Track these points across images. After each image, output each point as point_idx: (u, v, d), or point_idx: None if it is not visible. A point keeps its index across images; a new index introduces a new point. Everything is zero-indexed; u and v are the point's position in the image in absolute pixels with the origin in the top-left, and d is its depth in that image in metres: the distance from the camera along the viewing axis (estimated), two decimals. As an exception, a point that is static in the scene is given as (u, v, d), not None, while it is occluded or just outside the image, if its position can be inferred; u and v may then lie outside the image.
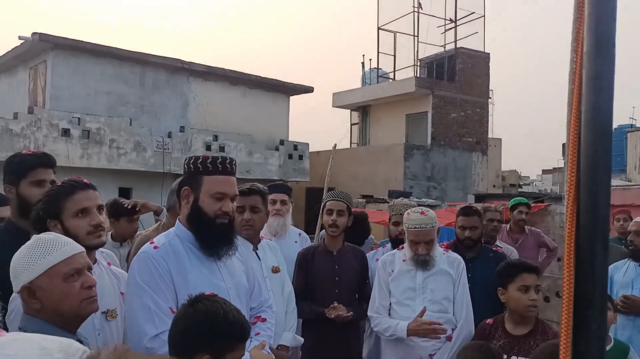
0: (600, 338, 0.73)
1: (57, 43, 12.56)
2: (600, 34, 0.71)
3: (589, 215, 0.72)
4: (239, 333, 1.46)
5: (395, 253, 3.30)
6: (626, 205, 8.91)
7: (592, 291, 0.72)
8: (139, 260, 2.08)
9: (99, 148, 12.29)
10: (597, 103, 0.73)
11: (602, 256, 0.73)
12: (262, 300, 2.43)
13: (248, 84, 15.72)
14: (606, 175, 0.73)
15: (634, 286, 4.00)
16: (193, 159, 2.18)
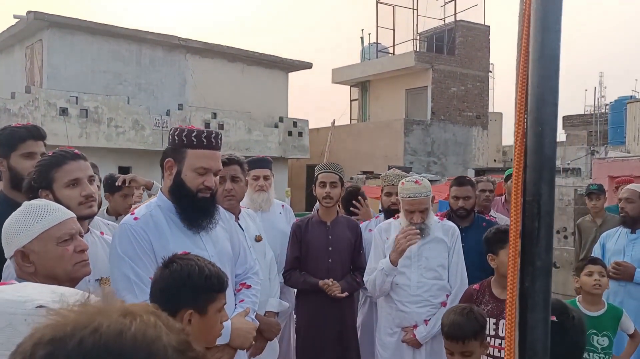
0: (545, 275, 0.74)
1: (53, 21, 12.45)
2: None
3: (534, 155, 0.73)
4: (217, 285, 1.51)
5: (391, 221, 3.32)
6: (625, 176, 8.91)
7: (538, 229, 0.73)
8: (120, 231, 2.10)
9: (97, 127, 12.28)
10: (544, 42, 0.73)
11: (547, 195, 0.73)
12: (247, 267, 2.43)
13: (246, 61, 15.59)
14: (552, 114, 0.73)
15: (626, 252, 4.02)
16: (178, 131, 2.15)
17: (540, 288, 0.73)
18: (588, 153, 13.99)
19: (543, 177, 0.73)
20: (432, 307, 3.09)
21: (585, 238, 5.56)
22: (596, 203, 5.52)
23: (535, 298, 0.72)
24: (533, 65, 0.73)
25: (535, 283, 0.73)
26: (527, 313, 0.73)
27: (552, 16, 0.72)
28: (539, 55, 0.72)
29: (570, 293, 6.78)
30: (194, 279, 1.48)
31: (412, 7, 16.93)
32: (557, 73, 0.72)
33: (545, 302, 0.73)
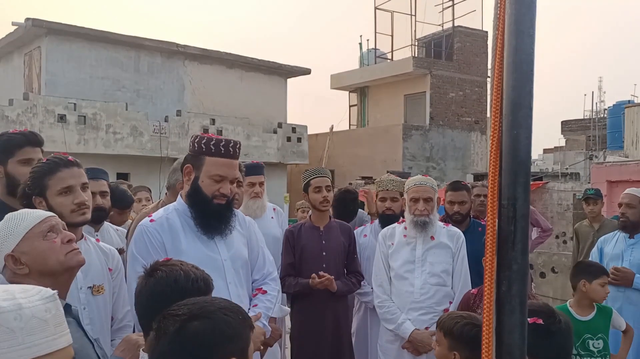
0: (522, 278, 0.74)
1: (51, 28, 12.49)
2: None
3: (510, 158, 0.73)
4: (203, 287, 1.49)
5: (395, 226, 3.31)
6: (623, 181, 8.90)
7: (514, 232, 0.72)
8: (136, 233, 2.20)
9: (95, 134, 12.29)
10: (518, 45, 0.73)
11: (523, 199, 0.73)
12: (265, 273, 2.46)
13: (245, 67, 15.62)
14: (527, 117, 0.73)
15: (624, 258, 4.01)
16: (198, 138, 2.22)
17: (517, 292, 0.73)
18: (586, 158, 13.99)
19: (518, 180, 0.73)
20: (435, 315, 3.06)
21: (583, 243, 5.55)
22: (593, 207, 5.51)
23: (512, 302, 0.72)
24: (508, 69, 0.73)
25: (512, 287, 0.72)
26: (504, 316, 0.72)
27: (526, 20, 0.72)
28: (513, 59, 0.72)
29: (569, 297, 6.75)
30: (181, 283, 1.46)
31: (410, 13, 16.99)
32: (531, 77, 0.72)
33: (522, 306, 0.72)
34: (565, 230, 11.04)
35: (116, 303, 2.21)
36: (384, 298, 3.16)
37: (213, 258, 2.20)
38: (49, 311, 0.92)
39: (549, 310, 1.63)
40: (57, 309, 0.94)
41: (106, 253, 2.23)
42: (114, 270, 2.22)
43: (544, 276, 7.67)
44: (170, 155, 12.76)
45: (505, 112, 0.73)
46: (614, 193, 8.65)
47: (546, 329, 1.54)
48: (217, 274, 2.23)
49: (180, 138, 13.46)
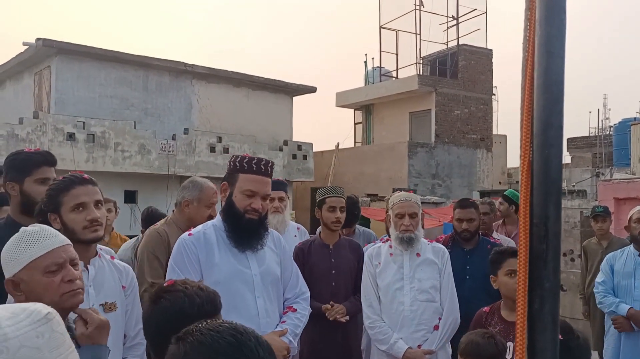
0: (553, 297, 0.74)
1: (61, 48, 12.67)
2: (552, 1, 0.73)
3: (541, 177, 0.74)
4: (210, 309, 1.45)
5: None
6: (631, 198, 8.86)
7: (546, 251, 0.73)
8: (175, 246, 2.38)
9: (104, 152, 12.38)
10: (549, 67, 0.74)
11: (554, 218, 0.74)
12: (297, 292, 2.55)
13: (251, 85, 15.77)
14: (558, 137, 0.74)
15: (636, 276, 3.98)
16: (234, 158, 2.41)
17: (549, 310, 0.73)
18: (593, 175, 13.95)
19: (550, 199, 0.74)
20: (426, 332, 3.06)
21: (592, 261, 5.52)
22: (602, 225, 5.49)
23: (544, 320, 0.72)
24: (538, 90, 0.74)
25: (545, 305, 0.73)
26: (537, 335, 0.73)
27: (557, 42, 0.73)
28: (544, 79, 0.74)
29: (578, 316, 6.70)
30: (186, 311, 1.42)
31: (415, 32, 17.16)
32: (561, 98, 0.74)
33: (554, 324, 0.73)
34: (573, 247, 10.95)
35: (129, 321, 2.21)
36: (374, 319, 3.15)
37: (243, 272, 2.33)
38: (41, 336, 0.82)
39: (568, 326, 1.66)
40: (52, 332, 0.84)
41: (120, 271, 2.24)
42: (128, 288, 2.23)
43: (554, 294, 7.60)
44: (177, 173, 12.83)
45: (536, 131, 0.74)
46: (621, 211, 8.60)
47: (565, 344, 1.56)
48: (246, 287, 2.33)
49: (187, 156, 13.54)
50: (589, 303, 5.42)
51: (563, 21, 0.74)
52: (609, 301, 3.91)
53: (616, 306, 3.83)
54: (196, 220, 2.90)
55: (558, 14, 0.73)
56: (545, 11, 0.72)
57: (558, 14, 0.73)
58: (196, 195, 2.93)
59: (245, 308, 2.31)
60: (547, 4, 0.73)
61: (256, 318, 2.32)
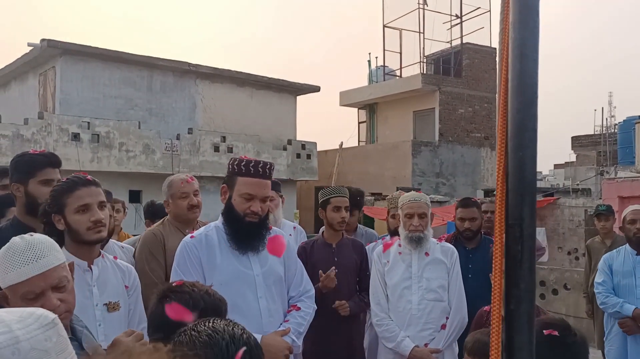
0: (529, 297, 0.75)
1: (66, 49, 12.75)
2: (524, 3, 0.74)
3: (516, 179, 0.75)
4: (213, 315, 1.41)
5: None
6: (635, 197, 8.82)
7: (521, 252, 0.74)
8: (178, 248, 2.40)
9: (108, 152, 12.45)
10: (522, 70, 0.75)
11: (529, 219, 0.75)
12: (302, 290, 2.56)
13: (255, 85, 15.81)
14: (532, 139, 0.75)
15: (636, 275, 3.96)
16: (232, 160, 2.42)
17: (525, 310, 0.74)
18: (597, 174, 13.89)
19: (525, 200, 0.75)
20: (433, 331, 3.07)
21: (595, 259, 5.50)
22: (605, 223, 5.47)
23: (520, 320, 0.73)
24: (512, 92, 0.75)
25: (520, 305, 0.74)
26: (514, 334, 0.74)
27: (530, 45, 0.74)
28: (518, 82, 0.75)
29: (582, 314, 6.69)
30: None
31: (419, 31, 17.13)
32: (535, 100, 0.74)
33: (530, 324, 0.74)
34: (577, 246, 10.92)
35: (132, 320, 2.23)
36: (382, 316, 3.16)
37: (245, 273, 2.35)
38: (49, 339, 0.84)
39: (565, 324, 1.68)
40: (58, 336, 0.86)
41: (123, 271, 2.26)
42: (131, 287, 2.25)
43: (557, 293, 7.58)
44: (182, 172, 12.87)
45: (511, 134, 0.75)
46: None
47: (561, 341, 1.57)
48: (248, 288, 2.35)
49: (191, 155, 13.59)
50: (592, 301, 5.40)
51: (536, 24, 0.75)
52: (613, 302, 3.89)
53: (620, 306, 3.81)
54: (181, 215, 2.96)
55: (531, 17, 0.74)
56: (519, 14, 0.73)
57: (531, 17, 0.74)
58: (168, 192, 2.98)
59: (247, 309, 2.33)
60: (520, 8, 0.73)
61: (259, 319, 2.34)
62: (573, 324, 5.82)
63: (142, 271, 2.70)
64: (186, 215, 2.97)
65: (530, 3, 0.73)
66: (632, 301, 3.80)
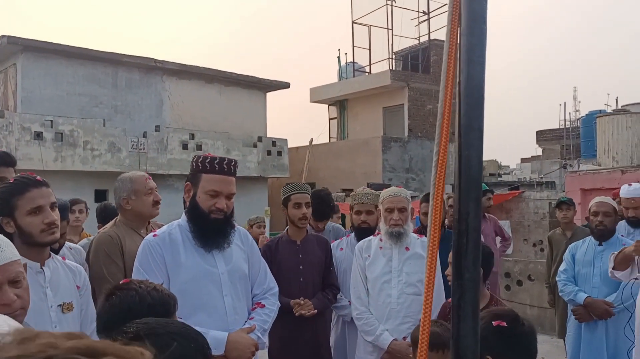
0: (473, 287, 0.80)
1: (27, 45, 12.38)
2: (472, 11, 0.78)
3: (462, 176, 0.79)
4: (161, 311, 1.44)
5: (371, 239, 3.36)
6: (596, 189, 9.13)
7: (466, 244, 0.78)
8: (140, 248, 2.36)
9: (72, 151, 12.16)
10: (470, 74, 0.79)
11: (474, 213, 0.79)
12: (266, 287, 2.57)
13: (224, 82, 15.67)
14: (478, 138, 0.79)
15: (595, 264, 4.10)
16: (196, 158, 2.40)
17: (469, 300, 0.78)
18: (561, 167, 14.30)
19: (470, 196, 0.79)
20: (412, 324, 3.12)
21: (556, 251, 5.69)
22: (566, 213, 5.66)
23: (465, 309, 0.77)
24: (462, 94, 0.79)
25: (465, 295, 0.78)
26: (459, 322, 0.78)
27: (478, 50, 0.78)
28: (466, 85, 0.78)
29: (545, 304, 6.89)
30: (136, 310, 1.42)
31: (387, 27, 17.27)
32: (482, 102, 0.78)
33: (474, 313, 0.78)
34: (542, 238, 11.21)
35: (84, 320, 2.22)
36: (362, 310, 3.20)
37: (210, 271, 2.34)
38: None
39: (513, 314, 1.75)
40: None
41: (73, 271, 2.24)
42: (82, 287, 2.23)
43: (521, 284, 7.79)
44: (149, 171, 12.67)
45: (458, 134, 0.79)
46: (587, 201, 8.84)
47: (510, 331, 1.64)
48: (213, 286, 2.35)
49: (159, 153, 13.39)
50: (554, 291, 5.58)
51: (483, 31, 0.79)
52: (569, 289, 4.03)
53: (575, 294, 3.94)
54: (143, 212, 2.85)
55: (479, 24, 0.78)
56: (467, 21, 0.77)
57: (479, 24, 0.78)
58: (130, 188, 2.84)
59: (213, 307, 2.34)
60: (469, 15, 0.77)
61: (224, 317, 2.35)
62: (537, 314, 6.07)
63: (100, 277, 2.62)
64: (150, 212, 2.88)
65: (478, 11, 0.76)
66: (588, 290, 3.93)
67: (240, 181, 3.08)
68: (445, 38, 0.80)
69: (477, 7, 0.77)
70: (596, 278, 3.98)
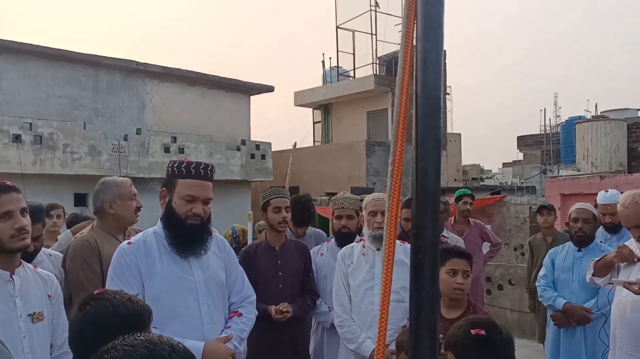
0: (431, 305, 0.76)
1: (5, 47, 12.16)
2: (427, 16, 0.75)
3: (418, 189, 0.76)
4: (135, 322, 1.41)
5: (354, 245, 3.33)
6: (575, 194, 9.23)
7: (422, 260, 0.75)
8: (114, 256, 2.31)
9: (52, 154, 11.96)
10: (425, 81, 0.76)
11: (431, 228, 0.76)
12: (243, 296, 2.54)
13: (207, 84, 15.56)
14: (434, 149, 0.76)
15: (574, 270, 4.12)
16: (171, 163, 2.37)
17: (426, 318, 0.75)
18: (541, 172, 14.45)
19: (427, 210, 0.76)
20: (395, 331, 3.09)
21: (537, 256, 5.72)
22: (547, 218, 5.70)
23: (421, 328, 0.74)
24: (418, 103, 0.76)
25: (421, 313, 0.75)
26: (415, 342, 0.74)
27: (433, 56, 0.75)
28: (421, 93, 0.75)
29: (525, 309, 6.93)
30: (108, 321, 1.39)
31: (371, 32, 17.33)
32: (438, 111, 0.76)
33: (432, 331, 0.75)
34: (523, 242, 11.30)
35: (55, 330, 2.17)
36: (344, 317, 3.17)
37: (186, 279, 2.30)
38: None
39: (491, 322, 1.75)
40: None
41: (45, 280, 2.19)
42: (53, 296, 2.19)
43: (502, 288, 7.83)
44: (129, 174, 12.50)
45: (414, 144, 0.76)
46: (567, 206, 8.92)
47: (488, 339, 1.64)
48: (189, 295, 2.30)
49: (140, 157, 13.23)
50: (534, 296, 5.60)
51: (439, 35, 0.76)
52: (548, 295, 4.04)
53: (554, 300, 3.95)
54: (125, 217, 2.83)
55: (434, 29, 0.75)
56: (422, 25, 0.74)
57: (434, 28, 0.75)
58: (116, 192, 2.81)
59: (189, 316, 2.29)
60: (424, 20, 0.74)
61: (200, 326, 2.30)
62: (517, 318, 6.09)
63: (77, 283, 2.57)
64: (132, 218, 2.86)
65: (434, 15, 0.74)
66: (567, 296, 3.94)
67: (224, 185, 3.03)
68: (400, 43, 0.77)
69: (432, 10, 0.74)
70: (575, 283, 4.00)
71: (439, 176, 0.77)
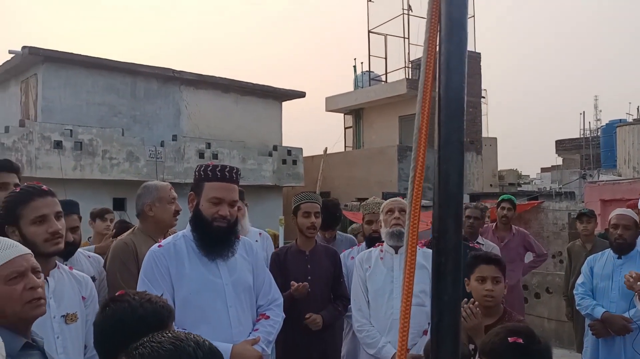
0: (452, 309, 0.75)
1: (47, 56, 12.63)
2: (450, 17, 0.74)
3: (440, 191, 0.75)
4: (154, 323, 1.43)
5: (371, 250, 3.32)
6: (616, 200, 8.92)
7: (444, 264, 0.74)
8: (145, 258, 2.37)
9: (91, 159, 12.33)
10: (448, 84, 0.75)
11: (453, 231, 0.75)
12: (270, 298, 2.55)
13: (240, 91, 15.77)
14: (457, 152, 0.76)
15: (614, 278, 3.99)
16: (199, 167, 2.42)
17: (448, 323, 0.74)
18: (580, 177, 14.04)
19: (449, 213, 0.75)
20: (415, 336, 3.06)
21: (575, 263, 5.54)
22: (587, 225, 5.52)
23: (443, 333, 0.73)
24: (440, 105, 0.76)
25: (443, 318, 0.74)
26: (437, 347, 0.73)
27: (456, 59, 0.75)
28: (444, 96, 0.75)
29: (563, 318, 6.72)
30: (127, 322, 1.43)
31: (403, 36, 17.23)
32: (461, 114, 0.75)
33: (454, 336, 0.74)
34: (561, 249, 10.98)
35: (89, 332, 2.21)
36: (363, 322, 3.15)
37: (214, 282, 2.33)
38: None
39: (530, 331, 1.71)
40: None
41: (79, 281, 2.24)
42: (88, 298, 2.23)
43: (539, 296, 7.63)
44: (166, 180, 12.77)
45: (437, 147, 0.76)
46: (607, 212, 8.65)
47: (525, 348, 1.60)
48: (218, 297, 2.33)
49: (176, 162, 13.51)
50: (572, 304, 5.44)
51: (462, 38, 0.75)
52: (586, 304, 3.92)
53: (592, 308, 3.83)
54: (164, 220, 2.90)
55: (457, 31, 0.74)
56: (446, 28, 0.74)
57: (458, 30, 0.74)
58: (155, 195, 2.88)
59: (217, 318, 2.32)
60: (447, 22, 0.74)
61: (228, 328, 2.33)
62: (555, 327, 5.91)
63: (115, 284, 2.66)
64: (171, 221, 2.93)
65: (457, 17, 0.73)
66: (606, 304, 3.81)
67: (256, 190, 3.08)
68: (424, 45, 0.77)
69: (455, 13, 0.73)
70: (614, 292, 3.86)
71: (462, 179, 0.77)
